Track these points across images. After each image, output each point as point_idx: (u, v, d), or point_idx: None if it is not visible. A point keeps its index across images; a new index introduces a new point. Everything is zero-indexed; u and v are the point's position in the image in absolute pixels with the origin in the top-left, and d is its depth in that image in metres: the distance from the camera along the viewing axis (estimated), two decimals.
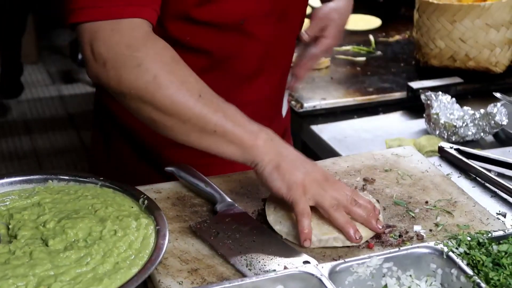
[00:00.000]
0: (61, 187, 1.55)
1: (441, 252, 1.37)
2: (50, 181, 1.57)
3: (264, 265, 1.41)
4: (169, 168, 1.69)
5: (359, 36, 3.13)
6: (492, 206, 1.68)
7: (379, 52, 2.99)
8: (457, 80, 2.58)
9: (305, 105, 2.44)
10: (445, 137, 2.22)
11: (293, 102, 2.47)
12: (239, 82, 1.86)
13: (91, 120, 2.03)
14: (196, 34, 1.73)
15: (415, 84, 2.52)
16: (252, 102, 1.89)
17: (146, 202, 1.50)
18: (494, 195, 1.74)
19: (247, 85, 1.87)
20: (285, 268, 1.38)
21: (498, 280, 1.30)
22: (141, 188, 1.60)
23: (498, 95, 1.45)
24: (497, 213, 1.65)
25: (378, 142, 2.18)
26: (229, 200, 1.61)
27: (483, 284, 1.29)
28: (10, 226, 1.43)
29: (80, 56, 6.04)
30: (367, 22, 3.31)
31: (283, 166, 1.50)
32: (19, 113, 5.65)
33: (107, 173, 1.79)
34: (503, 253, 1.35)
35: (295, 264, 1.41)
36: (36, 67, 6.39)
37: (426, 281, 1.37)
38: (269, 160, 1.50)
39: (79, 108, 5.70)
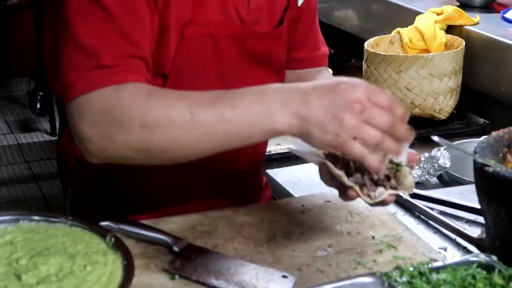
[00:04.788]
0: (32, 227, 1.63)
1: (383, 282, 1.49)
2: (22, 221, 1.65)
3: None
4: (104, 223, 1.68)
5: None
6: (434, 241, 1.81)
7: None
8: None
9: None
10: None
11: None
12: None
13: (49, 168, 2.13)
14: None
15: None
16: None
17: (112, 239, 1.59)
18: (437, 231, 1.87)
19: None
20: None
21: None
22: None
23: (436, 138, 1.58)
24: (439, 247, 1.77)
25: None
26: (182, 238, 1.68)
27: None
28: None
29: (38, 105, 6.11)
30: None
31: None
32: None
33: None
34: (442, 281, 1.47)
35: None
36: None
37: None
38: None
39: (38, 156, 5.77)
